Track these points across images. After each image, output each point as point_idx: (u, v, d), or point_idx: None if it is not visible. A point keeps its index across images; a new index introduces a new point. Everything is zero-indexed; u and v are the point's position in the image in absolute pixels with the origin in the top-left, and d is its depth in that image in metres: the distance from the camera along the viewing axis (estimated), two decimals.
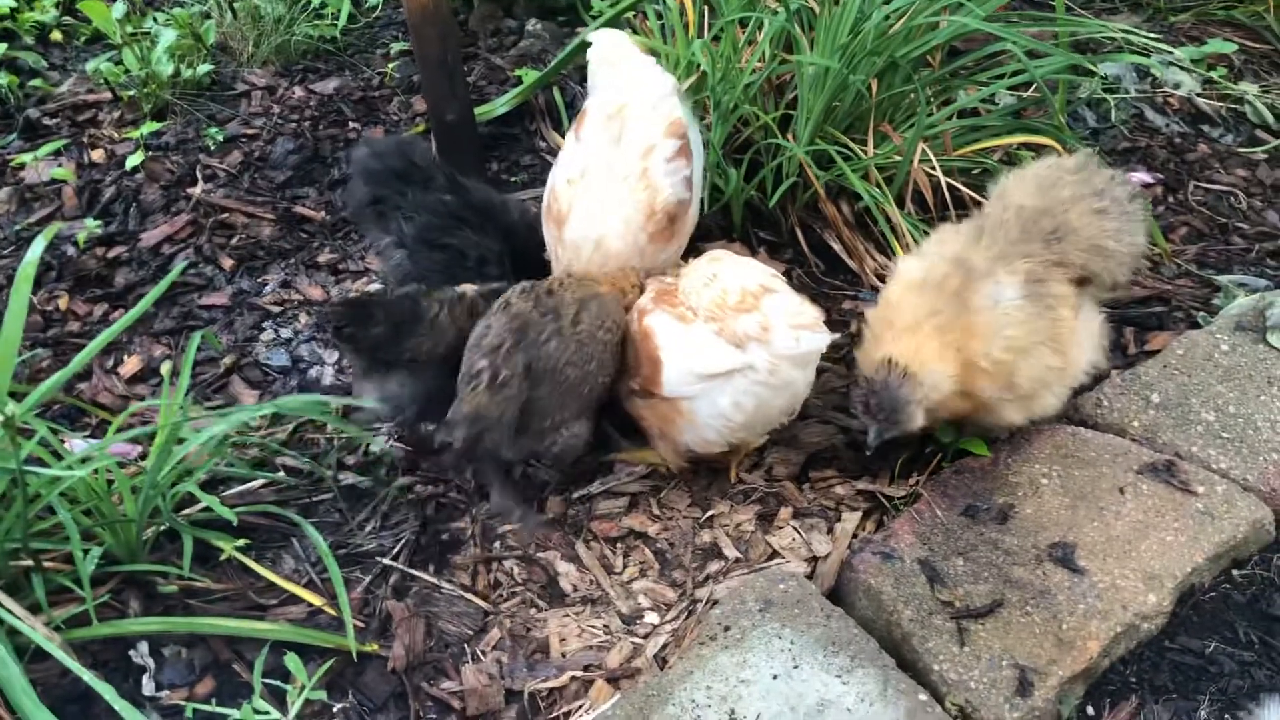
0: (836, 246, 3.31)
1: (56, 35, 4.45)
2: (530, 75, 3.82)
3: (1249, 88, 4.13)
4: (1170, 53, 4.13)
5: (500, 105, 3.81)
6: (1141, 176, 3.78)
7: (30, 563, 2.29)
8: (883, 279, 3.22)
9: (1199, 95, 4.14)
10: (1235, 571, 2.47)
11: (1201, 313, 3.16)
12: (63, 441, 2.54)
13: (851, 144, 3.21)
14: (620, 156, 2.76)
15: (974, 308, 2.43)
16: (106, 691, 1.97)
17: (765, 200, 3.30)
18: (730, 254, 2.67)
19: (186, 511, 2.58)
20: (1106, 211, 2.54)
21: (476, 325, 2.52)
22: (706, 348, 2.43)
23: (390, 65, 4.18)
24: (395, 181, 2.89)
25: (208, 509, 2.48)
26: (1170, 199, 3.72)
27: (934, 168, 3.12)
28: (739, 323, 2.41)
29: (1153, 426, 2.71)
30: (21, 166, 3.70)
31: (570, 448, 2.60)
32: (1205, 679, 2.25)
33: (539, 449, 2.58)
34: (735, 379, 2.41)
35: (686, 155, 2.79)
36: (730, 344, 2.41)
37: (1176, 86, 4.17)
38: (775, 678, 2.13)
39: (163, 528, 2.53)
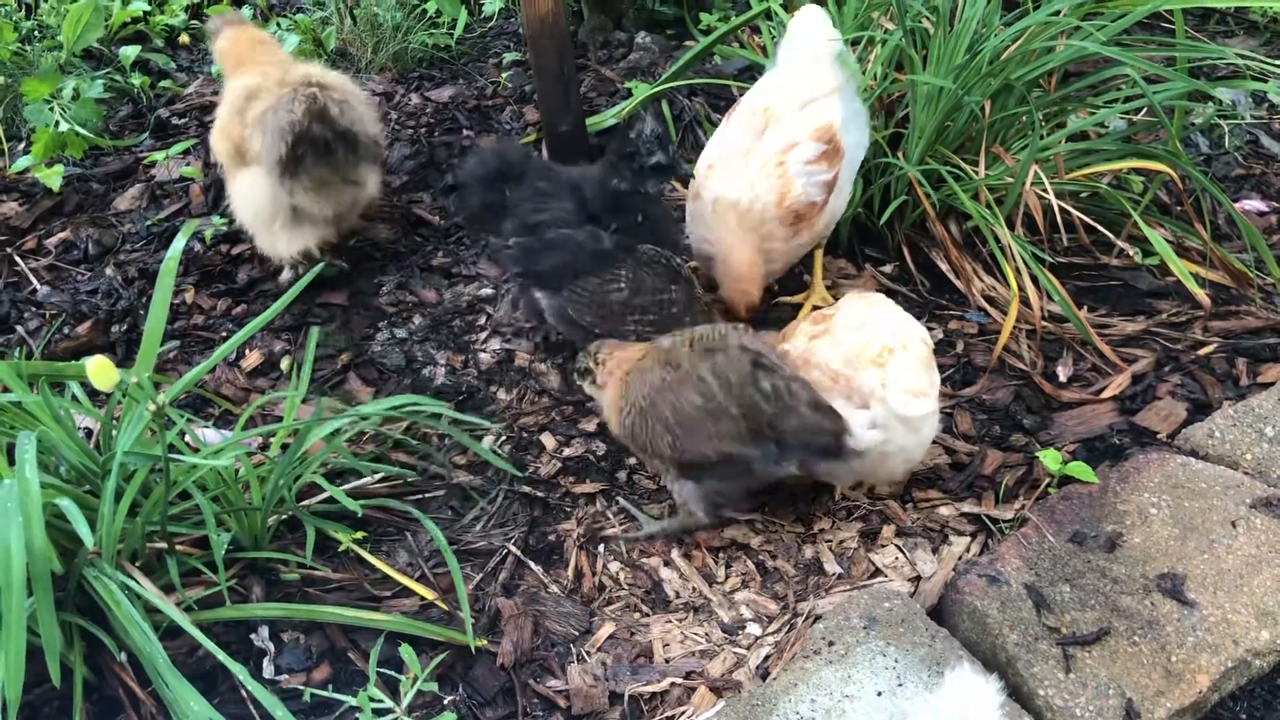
0: (943, 266, 3.31)
1: (184, 39, 4.66)
2: (641, 88, 3.88)
3: None
4: None
5: (610, 117, 3.86)
6: (1255, 204, 3.71)
7: (164, 545, 2.40)
8: (990, 300, 3.22)
9: None
10: None
11: None
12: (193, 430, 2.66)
13: (963, 164, 3.21)
14: (761, 145, 2.87)
15: None
16: (240, 672, 2.06)
17: (873, 218, 3.32)
18: (886, 301, 2.59)
19: (305, 503, 2.68)
20: None
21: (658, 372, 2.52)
22: None
23: (503, 75, 4.28)
24: (499, 183, 2.98)
25: (327, 500, 2.57)
26: None
27: (1045, 190, 3.11)
28: (866, 375, 2.45)
29: (1266, 460, 2.66)
30: (153, 164, 3.87)
31: None
32: None
33: None
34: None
35: (831, 159, 2.84)
36: (856, 406, 2.46)
37: None
38: (879, 694, 2.15)
39: (284, 517, 2.63)
